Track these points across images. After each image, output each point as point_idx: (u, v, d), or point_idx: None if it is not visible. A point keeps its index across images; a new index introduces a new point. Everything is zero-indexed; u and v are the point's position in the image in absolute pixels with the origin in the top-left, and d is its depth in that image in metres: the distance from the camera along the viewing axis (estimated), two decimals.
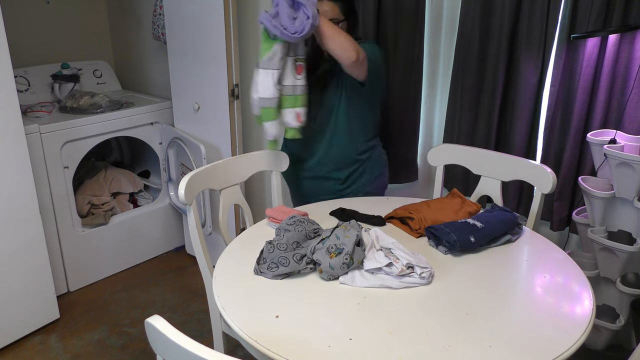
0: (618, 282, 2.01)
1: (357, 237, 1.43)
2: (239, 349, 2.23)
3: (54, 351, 2.32)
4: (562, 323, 1.23)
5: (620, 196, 1.94)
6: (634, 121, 2.07)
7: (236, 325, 1.22)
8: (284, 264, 1.40)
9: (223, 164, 1.93)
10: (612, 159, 1.88)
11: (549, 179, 1.80)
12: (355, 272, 1.40)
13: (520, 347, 1.14)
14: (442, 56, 2.70)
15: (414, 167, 2.86)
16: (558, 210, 2.34)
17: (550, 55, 2.23)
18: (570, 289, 1.37)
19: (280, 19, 1.75)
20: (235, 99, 2.53)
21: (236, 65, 2.48)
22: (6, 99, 2.13)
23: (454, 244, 1.51)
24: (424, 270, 1.38)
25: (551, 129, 2.30)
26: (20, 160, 2.20)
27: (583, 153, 2.25)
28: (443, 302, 1.31)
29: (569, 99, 2.22)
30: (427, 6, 2.59)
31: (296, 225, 1.53)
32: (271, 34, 1.76)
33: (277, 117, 1.87)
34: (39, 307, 2.40)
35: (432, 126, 2.84)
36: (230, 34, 2.40)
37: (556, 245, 1.62)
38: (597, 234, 2.01)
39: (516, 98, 2.35)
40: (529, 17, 2.22)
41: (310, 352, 1.13)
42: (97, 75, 3.29)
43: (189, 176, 1.73)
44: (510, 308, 1.30)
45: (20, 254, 2.27)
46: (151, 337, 0.96)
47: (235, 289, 1.38)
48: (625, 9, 2.00)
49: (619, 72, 2.07)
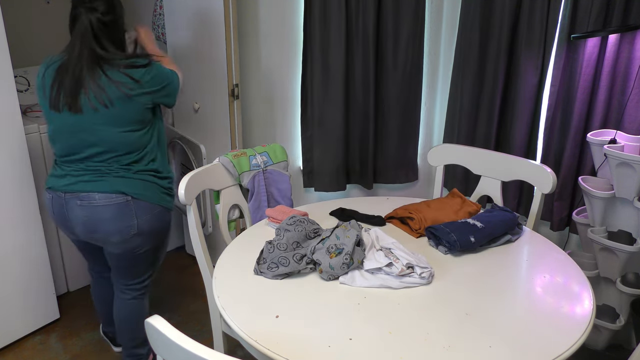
0: (618, 282, 2.01)
1: (357, 237, 1.43)
2: (239, 349, 2.23)
3: (54, 351, 2.32)
4: (562, 323, 1.23)
5: (620, 196, 1.94)
6: (634, 121, 2.07)
7: (236, 325, 1.22)
8: (284, 264, 1.40)
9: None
10: (612, 159, 1.88)
11: (549, 179, 1.80)
12: (355, 272, 1.40)
13: (520, 347, 1.14)
14: (442, 56, 2.70)
15: (414, 167, 2.87)
16: (558, 210, 2.34)
17: (550, 55, 2.23)
18: (570, 289, 1.37)
19: None
20: (235, 99, 2.53)
21: (236, 65, 2.48)
22: (6, 99, 2.13)
23: (454, 244, 1.51)
24: (424, 270, 1.38)
25: (551, 129, 2.30)
26: (20, 160, 2.20)
27: (583, 153, 2.25)
28: (443, 302, 1.31)
29: (569, 99, 2.22)
30: (427, 6, 2.59)
31: (296, 225, 1.53)
32: None
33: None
34: (39, 307, 2.40)
35: (432, 126, 2.84)
36: (230, 34, 2.40)
37: (556, 245, 1.62)
38: (597, 234, 2.01)
39: (516, 98, 2.35)
40: (529, 17, 2.22)
41: (310, 352, 1.13)
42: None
43: (189, 176, 1.73)
44: (510, 308, 1.30)
45: (20, 254, 2.27)
46: (151, 337, 0.96)
47: (235, 289, 1.38)
48: (625, 9, 2.00)
49: (619, 72, 2.08)
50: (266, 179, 2.01)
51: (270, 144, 2.11)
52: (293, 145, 2.92)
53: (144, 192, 1.79)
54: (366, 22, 2.56)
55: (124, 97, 1.69)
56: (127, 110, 1.72)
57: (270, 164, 2.04)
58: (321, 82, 2.68)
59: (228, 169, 1.92)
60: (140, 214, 1.79)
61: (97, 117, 1.70)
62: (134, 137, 1.76)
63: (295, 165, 2.93)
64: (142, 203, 1.79)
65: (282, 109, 2.86)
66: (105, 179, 1.75)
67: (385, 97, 2.70)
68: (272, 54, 2.79)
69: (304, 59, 2.69)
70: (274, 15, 2.72)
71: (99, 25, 1.70)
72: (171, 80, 1.85)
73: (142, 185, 1.79)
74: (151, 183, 1.81)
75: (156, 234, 1.87)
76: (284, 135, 2.90)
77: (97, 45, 1.70)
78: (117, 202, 1.75)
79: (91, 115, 1.70)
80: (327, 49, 2.62)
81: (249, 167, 1.97)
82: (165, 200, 1.87)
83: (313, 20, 2.58)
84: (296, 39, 2.74)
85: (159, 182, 1.84)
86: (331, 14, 2.56)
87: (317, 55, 2.63)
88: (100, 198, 1.74)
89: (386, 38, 2.60)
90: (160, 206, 1.84)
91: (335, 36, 2.58)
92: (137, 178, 1.78)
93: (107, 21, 1.72)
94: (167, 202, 1.88)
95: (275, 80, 2.82)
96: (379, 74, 2.67)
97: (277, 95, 2.85)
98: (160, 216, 1.85)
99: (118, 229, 1.77)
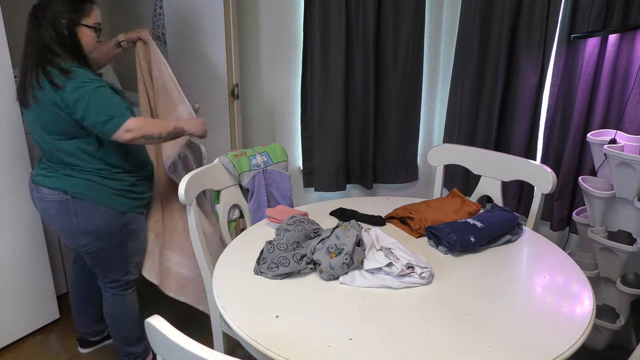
0: (618, 282, 2.01)
1: (357, 237, 1.43)
2: (239, 349, 2.23)
3: (54, 351, 2.32)
4: (562, 323, 1.23)
5: (620, 196, 1.94)
6: (634, 121, 2.07)
7: (236, 325, 1.22)
8: (284, 264, 1.40)
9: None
10: (612, 159, 1.88)
11: (549, 179, 1.80)
12: (355, 272, 1.40)
13: (520, 347, 1.14)
14: (442, 56, 2.70)
15: (414, 167, 2.87)
16: (558, 210, 2.34)
17: (550, 55, 2.23)
18: (570, 289, 1.37)
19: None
20: (235, 99, 2.53)
21: (236, 65, 2.48)
22: (6, 99, 2.13)
23: (454, 244, 1.51)
24: (424, 270, 1.38)
25: (551, 129, 2.30)
26: (20, 160, 2.20)
27: (583, 153, 2.25)
28: (443, 302, 1.31)
29: (569, 99, 2.22)
30: (427, 6, 2.59)
31: (296, 225, 1.53)
32: None
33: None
34: (39, 307, 2.40)
35: (432, 126, 2.84)
36: (230, 34, 2.40)
37: (556, 245, 1.62)
38: (597, 234, 2.01)
39: (516, 98, 2.35)
40: (529, 17, 2.22)
41: (310, 352, 1.13)
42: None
43: (189, 176, 1.73)
44: (510, 308, 1.30)
45: (21, 254, 2.27)
46: (151, 337, 0.96)
47: (235, 289, 1.38)
48: (625, 9, 2.00)
49: (619, 72, 2.07)
50: (266, 179, 2.01)
51: (270, 144, 2.11)
52: (293, 145, 2.92)
53: (86, 192, 1.77)
54: (366, 22, 2.56)
55: (36, 101, 1.67)
56: (44, 116, 1.69)
57: (270, 164, 2.04)
58: (321, 82, 2.68)
59: (228, 169, 1.92)
60: (80, 213, 1.78)
61: (30, 117, 1.73)
62: (67, 146, 1.73)
63: (295, 165, 2.93)
64: (84, 202, 1.77)
65: (282, 109, 2.86)
66: (55, 175, 1.78)
67: (385, 97, 2.70)
68: (272, 54, 2.79)
69: (304, 59, 2.69)
70: (274, 15, 2.72)
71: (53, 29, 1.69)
72: (89, 99, 1.64)
73: (86, 185, 1.77)
74: (97, 184, 1.78)
75: (105, 234, 1.83)
76: (284, 135, 2.90)
77: (44, 49, 1.68)
78: (59, 199, 1.77)
79: (29, 115, 1.73)
80: (327, 49, 2.62)
81: (249, 167, 1.97)
82: (115, 201, 1.81)
83: (313, 20, 2.58)
84: (296, 39, 2.74)
85: (108, 183, 1.80)
86: (331, 14, 2.56)
87: (317, 55, 2.63)
88: (48, 194, 1.78)
89: (386, 38, 2.60)
90: (106, 207, 1.80)
91: (335, 36, 2.58)
92: (81, 177, 1.77)
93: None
94: (118, 204, 1.82)
95: (275, 80, 2.83)
96: (379, 74, 2.67)
97: (277, 95, 2.85)
98: (106, 216, 1.81)
99: (62, 226, 1.81)
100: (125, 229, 1.87)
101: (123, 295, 2.00)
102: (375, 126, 2.75)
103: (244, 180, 1.95)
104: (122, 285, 1.98)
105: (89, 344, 2.30)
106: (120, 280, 1.97)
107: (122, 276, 1.96)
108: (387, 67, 2.64)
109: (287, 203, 2.04)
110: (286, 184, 2.05)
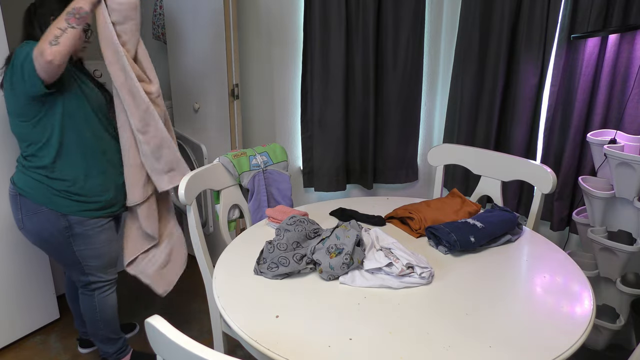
0: (618, 282, 2.01)
1: (357, 237, 1.43)
2: (239, 349, 2.24)
3: (54, 351, 2.32)
4: (562, 323, 1.23)
5: (620, 196, 1.94)
6: (634, 121, 2.07)
7: (236, 325, 1.22)
8: (284, 264, 1.40)
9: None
10: (612, 159, 1.88)
11: (549, 179, 1.80)
12: (355, 272, 1.40)
13: (520, 347, 1.14)
14: (442, 56, 2.70)
15: (414, 167, 2.87)
16: (558, 210, 2.34)
17: (550, 55, 2.23)
18: (570, 289, 1.37)
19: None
20: (235, 99, 2.53)
21: (236, 65, 2.48)
22: None
23: (454, 244, 1.51)
24: (424, 270, 1.38)
25: (551, 129, 2.30)
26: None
27: (583, 153, 2.25)
28: (443, 302, 1.31)
29: (569, 99, 2.22)
30: (427, 6, 2.59)
31: (296, 225, 1.53)
32: None
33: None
34: (39, 307, 2.40)
35: (432, 126, 2.84)
36: (230, 34, 2.40)
37: (556, 245, 1.62)
38: (597, 234, 2.01)
39: (516, 98, 2.35)
40: (529, 17, 2.22)
41: (310, 352, 1.13)
42: (97, 75, 3.29)
43: (189, 176, 1.73)
44: (510, 308, 1.30)
45: (21, 254, 2.27)
46: (151, 337, 0.96)
47: (235, 289, 1.38)
48: (625, 9, 2.00)
49: (619, 72, 2.08)
50: (266, 179, 2.01)
51: (270, 144, 2.11)
52: (293, 145, 2.92)
53: (28, 190, 1.77)
54: (366, 22, 2.56)
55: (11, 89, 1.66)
56: (7, 97, 1.70)
57: (270, 164, 2.04)
58: (321, 82, 2.68)
59: (228, 169, 1.92)
60: (24, 210, 1.79)
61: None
62: (23, 129, 1.73)
63: (295, 165, 2.93)
64: (26, 200, 1.78)
65: (282, 109, 2.87)
66: (17, 168, 1.82)
67: (385, 97, 2.71)
68: (272, 54, 2.79)
69: (304, 59, 2.69)
70: (274, 15, 2.72)
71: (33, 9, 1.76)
72: (17, 59, 1.61)
73: (30, 182, 1.77)
74: (39, 182, 1.77)
75: (47, 236, 1.81)
76: (284, 135, 2.90)
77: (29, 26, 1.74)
78: (13, 193, 1.81)
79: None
80: (327, 49, 2.62)
81: (249, 167, 1.97)
82: (56, 203, 1.77)
83: (313, 20, 2.58)
84: (296, 39, 2.74)
85: (50, 182, 1.76)
86: (331, 14, 2.56)
87: (317, 55, 2.63)
88: (11, 186, 1.83)
89: (386, 38, 2.60)
90: (47, 208, 1.78)
91: (335, 36, 2.58)
92: (27, 174, 1.78)
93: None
94: (61, 207, 1.78)
95: (275, 80, 2.83)
96: (379, 73, 2.67)
97: (277, 95, 2.85)
98: (48, 217, 1.78)
99: (14, 219, 1.84)
100: (68, 232, 1.82)
101: (91, 296, 1.99)
102: (375, 126, 2.75)
103: (244, 180, 1.95)
104: (86, 286, 1.97)
105: (89, 344, 2.30)
106: (82, 281, 1.95)
107: (81, 277, 1.94)
108: (387, 67, 2.64)
109: (287, 203, 2.04)
110: (286, 184, 2.05)
